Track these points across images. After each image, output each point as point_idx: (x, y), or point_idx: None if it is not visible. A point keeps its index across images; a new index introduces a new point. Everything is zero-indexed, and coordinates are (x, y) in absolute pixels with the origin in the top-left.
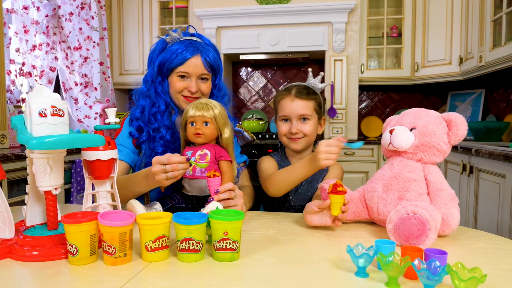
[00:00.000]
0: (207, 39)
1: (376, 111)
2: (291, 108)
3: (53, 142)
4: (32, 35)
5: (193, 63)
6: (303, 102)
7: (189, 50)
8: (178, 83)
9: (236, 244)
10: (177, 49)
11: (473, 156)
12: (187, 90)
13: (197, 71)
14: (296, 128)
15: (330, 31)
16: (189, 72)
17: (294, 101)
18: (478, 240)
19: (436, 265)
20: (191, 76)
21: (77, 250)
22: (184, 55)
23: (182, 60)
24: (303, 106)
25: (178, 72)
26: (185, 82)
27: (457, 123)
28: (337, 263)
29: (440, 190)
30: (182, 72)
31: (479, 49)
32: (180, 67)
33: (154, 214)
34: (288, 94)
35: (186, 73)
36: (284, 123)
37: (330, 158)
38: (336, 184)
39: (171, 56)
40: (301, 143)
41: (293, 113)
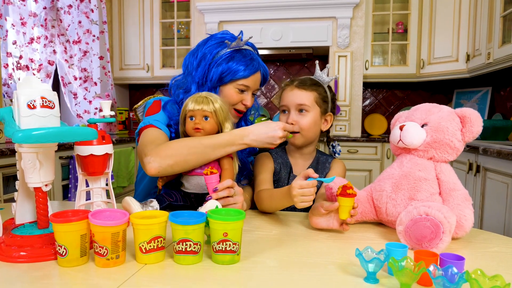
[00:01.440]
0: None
1: (380, 108)
2: (290, 97)
3: (41, 135)
4: (30, 27)
5: (255, 78)
6: (302, 92)
7: (255, 65)
8: (236, 96)
9: (236, 245)
10: (242, 59)
11: (480, 155)
12: (242, 103)
13: (255, 86)
14: (292, 119)
15: (334, 27)
16: (250, 86)
17: (294, 90)
18: (493, 243)
19: (453, 272)
20: (249, 91)
21: (67, 251)
22: (251, 70)
23: (248, 74)
24: (301, 96)
25: (240, 85)
26: (243, 95)
27: (472, 119)
28: (345, 267)
29: (453, 190)
30: (244, 86)
31: (487, 46)
32: (243, 80)
33: (149, 213)
34: (289, 85)
35: (247, 87)
36: (283, 115)
37: (305, 201)
38: (346, 186)
39: (238, 68)
40: (298, 138)
41: (291, 103)
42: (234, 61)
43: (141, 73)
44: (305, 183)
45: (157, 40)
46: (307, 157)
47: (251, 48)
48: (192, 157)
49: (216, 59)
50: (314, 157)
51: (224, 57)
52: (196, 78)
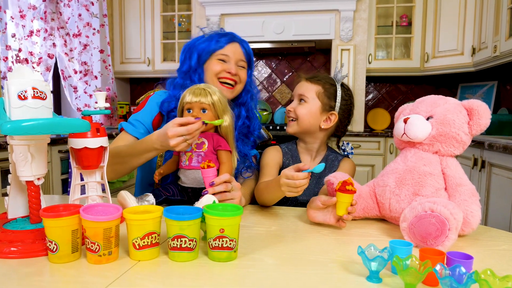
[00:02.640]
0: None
1: (383, 103)
2: (296, 88)
3: (30, 126)
4: (29, 20)
5: (233, 48)
6: (306, 83)
7: (229, 35)
8: (217, 65)
9: (233, 242)
10: (216, 35)
11: (485, 150)
12: (226, 71)
13: (236, 57)
14: (291, 106)
15: (337, 19)
16: (229, 55)
17: (301, 82)
18: (501, 241)
19: (461, 272)
20: (230, 60)
21: (57, 247)
22: (224, 40)
23: (223, 44)
24: (304, 87)
25: (218, 55)
26: (224, 65)
27: (479, 111)
28: (347, 266)
29: (459, 185)
30: (222, 55)
31: (494, 39)
32: (220, 50)
33: (143, 208)
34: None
35: (226, 56)
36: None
37: (293, 191)
38: (346, 181)
39: (211, 42)
40: (292, 126)
41: (295, 93)
42: (208, 39)
43: (142, 66)
44: (292, 174)
45: (158, 33)
46: (314, 155)
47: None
48: (118, 167)
49: (196, 44)
50: (323, 155)
51: (201, 40)
52: (183, 69)
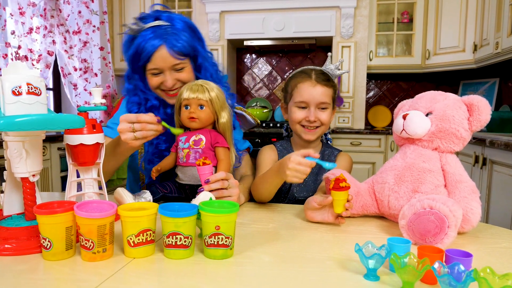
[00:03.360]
0: (177, 18)
1: (384, 100)
2: (312, 94)
3: (23, 122)
4: (29, 17)
5: (159, 57)
6: (323, 88)
7: (151, 42)
8: (152, 80)
9: (229, 239)
10: (140, 43)
11: (487, 147)
12: (164, 85)
13: (166, 64)
14: (315, 116)
15: (338, 16)
16: (158, 67)
17: (316, 86)
18: (502, 238)
19: (460, 270)
20: (164, 71)
21: (51, 244)
22: (147, 50)
23: (148, 56)
24: (323, 93)
25: (149, 69)
26: (159, 77)
27: (480, 107)
28: (344, 263)
29: (459, 182)
30: (153, 69)
31: (496, 35)
32: (148, 64)
33: (138, 205)
34: (308, 78)
35: (157, 69)
36: (300, 110)
37: (297, 177)
38: (339, 179)
39: (136, 54)
40: (317, 133)
41: (313, 100)
42: (131, 49)
43: None
44: (303, 160)
45: None
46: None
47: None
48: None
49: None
50: (319, 151)
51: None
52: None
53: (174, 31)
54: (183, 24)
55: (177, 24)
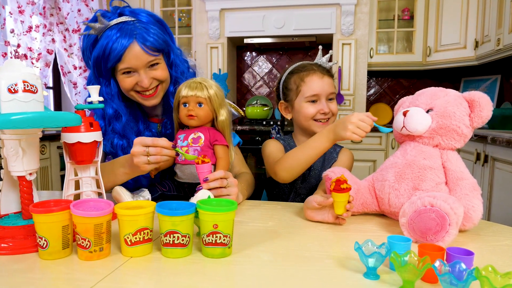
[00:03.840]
0: (143, 12)
1: (385, 97)
2: (322, 86)
3: (19, 120)
4: (28, 16)
5: (132, 55)
6: (330, 79)
7: (121, 40)
8: (126, 81)
9: (227, 238)
10: (107, 44)
11: (488, 144)
12: (139, 85)
13: (141, 62)
14: (328, 107)
15: (338, 13)
16: (131, 66)
17: (324, 78)
18: (504, 236)
19: (461, 268)
20: (138, 69)
21: (47, 243)
22: (118, 50)
23: (118, 56)
24: (331, 84)
25: (120, 70)
26: (133, 77)
27: (481, 103)
28: (343, 262)
29: (460, 179)
30: (125, 69)
31: (497, 32)
32: (119, 64)
33: (135, 204)
34: (314, 71)
35: (130, 68)
36: (312, 104)
37: (358, 133)
38: (339, 180)
39: (104, 54)
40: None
41: (324, 91)
42: (96, 49)
43: None
44: (366, 118)
45: None
46: None
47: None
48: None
49: (89, 50)
50: None
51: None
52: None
53: (142, 25)
54: (150, 18)
55: (144, 18)
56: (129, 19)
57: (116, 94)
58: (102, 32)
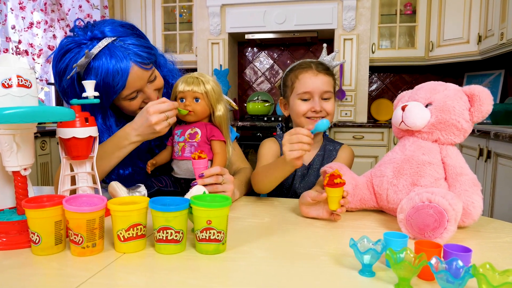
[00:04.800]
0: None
1: (387, 93)
2: (315, 83)
3: (12, 114)
4: (29, 12)
5: (135, 78)
6: (326, 77)
7: (119, 68)
8: (133, 104)
9: (221, 234)
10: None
11: (491, 140)
12: (144, 102)
13: (144, 82)
14: (321, 106)
15: (340, 9)
16: (137, 88)
17: (318, 75)
18: (504, 233)
19: (458, 266)
20: (142, 88)
21: (40, 239)
22: (120, 77)
23: (122, 84)
24: (326, 82)
25: (126, 97)
26: (140, 97)
27: (481, 98)
28: (339, 259)
29: (460, 175)
30: (130, 94)
31: (501, 26)
32: (124, 92)
33: (129, 199)
34: (309, 68)
35: (134, 93)
36: (304, 102)
37: (294, 149)
38: (333, 175)
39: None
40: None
41: (317, 89)
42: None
43: None
44: (293, 130)
45: (159, 25)
46: (314, 146)
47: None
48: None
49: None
50: (321, 145)
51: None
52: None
53: (128, 42)
54: (126, 30)
55: (123, 33)
56: (110, 41)
57: (114, 122)
58: (84, 67)
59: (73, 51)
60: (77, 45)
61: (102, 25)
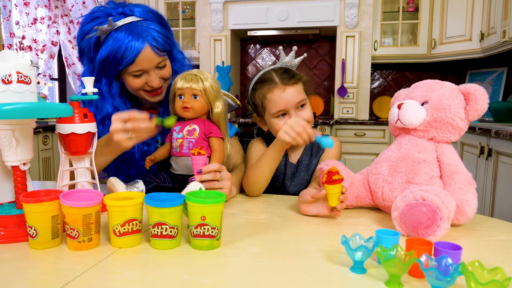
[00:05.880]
0: (144, 11)
1: (389, 90)
2: (285, 99)
3: (11, 110)
4: (33, 8)
5: (144, 58)
6: (294, 88)
7: (134, 45)
8: (135, 82)
9: (215, 230)
10: (119, 47)
11: (492, 138)
12: (148, 85)
13: (152, 64)
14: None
15: (342, 6)
16: (143, 68)
17: (286, 90)
18: (499, 231)
19: (447, 263)
20: (148, 70)
21: (37, 233)
22: (132, 53)
23: (132, 60)
24: (296, 92)
25: (131, 72)
26: (142, 78)
27: (477, 96)
28: (332, 256)
29: (455, 173)
30: (136, 71)
31: (503, 23)
32: (131, 67)
33: (125, 195)
34: (274, 85)
35: (141, 71)
36: (281, 119)
37: (290, 133)
38: (331, 171)
39: (116, 57)
40: None
41: (289, 104)
42: (105, 49)
43: None
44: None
45: None
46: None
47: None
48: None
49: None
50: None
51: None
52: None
53: (151, 26)
54: (154, 17)
55: (150, 18)
56: (135, 20)
57: (117, 93)
58: (108, 33)
59: (100, 18)
60: (105, 15)
61: (134, 6)
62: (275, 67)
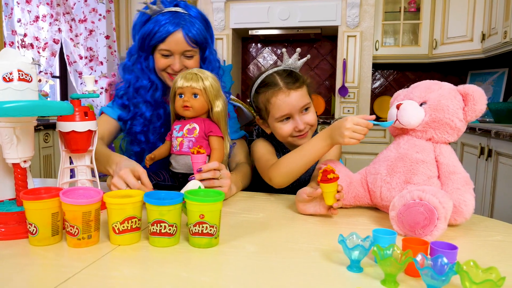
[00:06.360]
0: (194, 9)
1: (390, 90)
2: (290, 104)
3: (12, 108)
4: (35, 5)
5: (174, 40)
6: (298, 92)
7: (169, 26)
8: (161, 61)
9: (214, 228)
10: (155, 25)
11: (492, 138)
12: (171, 68)
13: (179, 48)
14: (303, 123)
15: (343, 5)
16: (170, 49)
17: (291, 94)
18: (496, 231)
19: (443, 263)
20: (174, 54)
21: (37, 230)
22: (164, 32)
23: (162, 37)
24: (301, 96)
25: (160, 50)
26: (168, 60)
27: (475, 97)
28: (329, 254)
29: (452, 173)
30: (164, 50)
31: (504, 24)
32: (161, 45)
33: (124, 192)
34: (278, 89)
35: (168, 51)
36: (285, 123)
37: (355, 138)
38: (326, 170)
39: (151, 32)
40: (309, 135)
41: (294, 108)
42: (147, 26)
43: None
44: (362, 121)
45: None
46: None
47: (181, 9)
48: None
49: (139, 26)
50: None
51: (144, 19)
52: (132, 51)
53: (191, 19)
54: (199, 15)
55: (194, 14)
56: (181, 11)
57: (153, 69)
58: (156, 14)
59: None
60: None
61: (189, 5)
62: (279, 69)
